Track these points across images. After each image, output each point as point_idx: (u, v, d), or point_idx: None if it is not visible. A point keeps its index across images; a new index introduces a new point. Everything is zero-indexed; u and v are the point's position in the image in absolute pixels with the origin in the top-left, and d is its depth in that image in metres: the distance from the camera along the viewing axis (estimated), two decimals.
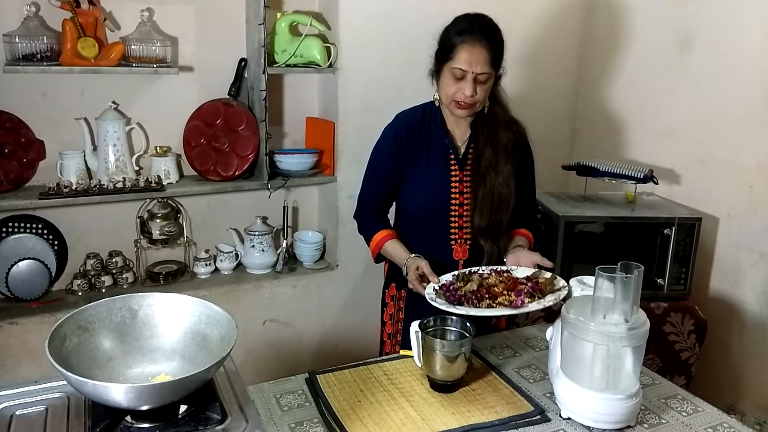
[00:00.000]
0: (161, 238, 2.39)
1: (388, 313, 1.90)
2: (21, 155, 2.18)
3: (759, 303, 2.30)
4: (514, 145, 1.76)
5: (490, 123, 1.75)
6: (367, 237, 1.84)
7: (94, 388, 0.94)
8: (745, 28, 2.26)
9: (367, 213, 1.85)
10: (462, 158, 1.76)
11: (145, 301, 1.17)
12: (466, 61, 1.61)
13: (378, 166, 1.84)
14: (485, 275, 1.62)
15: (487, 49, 1.62)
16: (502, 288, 1.54)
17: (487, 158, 1.74)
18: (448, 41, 1.65)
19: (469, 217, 1.75)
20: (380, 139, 1.84)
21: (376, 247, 1.80)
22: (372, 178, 1.85)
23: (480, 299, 1.50)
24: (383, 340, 1.94)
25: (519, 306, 1.47)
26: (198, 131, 2.39)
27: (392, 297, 1.88)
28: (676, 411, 1.41)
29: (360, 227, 1.88)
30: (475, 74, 1.62)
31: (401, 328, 1.86)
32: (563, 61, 2.93)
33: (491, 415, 1.36)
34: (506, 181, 1.74)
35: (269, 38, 2.37)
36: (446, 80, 1.67)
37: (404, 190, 1.80)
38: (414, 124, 1.78)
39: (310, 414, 1.36)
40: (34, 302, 2.23)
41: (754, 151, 2.26)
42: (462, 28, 1.64)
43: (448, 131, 1.77)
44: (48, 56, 2.10)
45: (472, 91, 1.63)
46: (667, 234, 2.26)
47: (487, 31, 1.63)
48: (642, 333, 1.27)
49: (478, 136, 1.76)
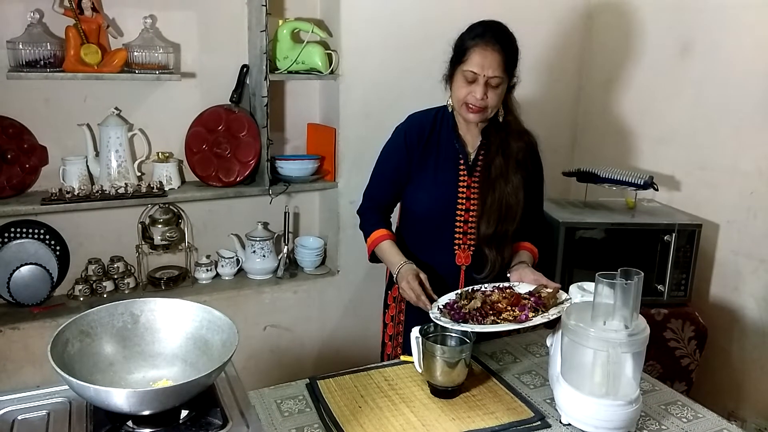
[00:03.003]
0: (163, 243, 2.40)
1: (390, 315, 1.91)
2: (24, 161, 2.19)
3: (759, 309, 2.30)
4: (524, 155, 1.76)
5: (502, 132, 1.75)
6: (366, 233, 1.84)
7: (95, 393, 0.95)
8: (744, 34, 2.27)
9: (369, 209, 1.86)
10: (471, 164, 1.76)
11: (146, 307, 1.17)
12: (478, 64, 1.61)
13: (386, 164, 1.84)
14: (488, 292, 1.62)
15: (500, 53, 1.62)
16: (506, 304, 1.54)
17: (497, 166, 1.73)
18: (462, 45, 1.67)
19: (474, 224, 1.75)
20: (391, 138, 1.84)
21: (372, 244, 1.80)
22: (379, 176, 1.86)
23: (484, 316, 1.50)
24: (384, 342, 1.94)
25: (523, 320, 1.47)
26: (200, 137, 2.40)
27: (394, 299, 1.88)
28: (677, 417, 1.41)
29: (361, 222, 1.88)
30: (486, 77, 1.62)
31: (402, 330, 1.86)
32: (564, 67, 2.94)
33: (492, 421, 1.36)
34: (515, 190, 1.73)
35: (271, 45, 2.39)
36: (458, 83, 1.67)
37: (411, 192, 1.80)
38: (425, 125, 1.78)
39: (310, 419, 1.36)
40: (35, 307, 2.23)
41: (755, 157, 2.26)
42: (476, 33, 1.65)
43: (459, 136, 1.77)
44: (51, 63, 2.11)
45: (483, 94, 1.63)
46: (667, 240, 2.26)
47: (500, 35, 1.64)
48: (642, 339, 1.27)
49: (489, 143, 1.75)
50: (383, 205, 1.87)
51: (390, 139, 1.85)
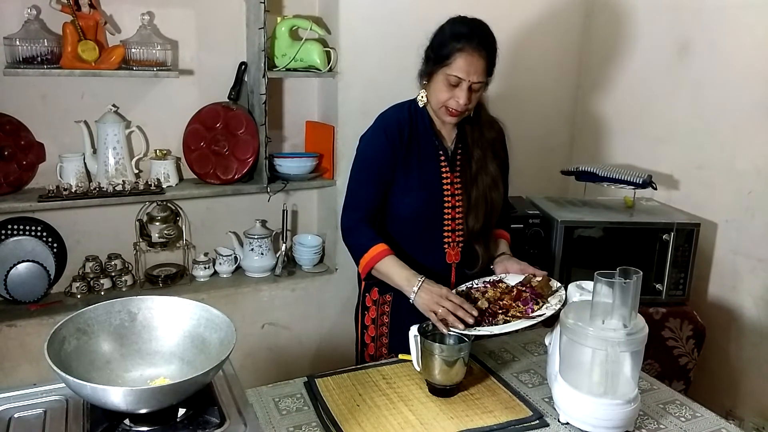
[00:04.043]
0: (160, 241, 2.39)
1: (370, 317, 1.84)
2: (21, 158, 2.18)
3: (757, 308, 2.30)
4: (499, 145, 1.78)
5: (476, 124, 1.75)
6: (362, 247, 1.70)
7: (92, 391, 0.94)
8: (743, 33, 2.27)
9: (360, 221, 1.74)
10: (451, 158, 1.75)
11: (144, 304, 1.17)
12: (464, 70, 1.58)
13: (372, 169, 1.73)
14: (482, 289, 1.62)
15: (485, 59, 1.60)
16: (508, 300, 1.54)
17: (477, 160, 1.73)
18: (445, 46, 1.61)
19: (461, 220, 1.74)
20: (369, 143, 1.75)
21: (372, 260, 1.67)
22: (365, 184, 1.75)
23: (494, 316, 1.50)
24: (365, 343, 1.86)
25: (530, 314, 1.48)
26: (198, 135, 2.39)
27: (374, 301, 1.82)
28: (675, 416, 1.41)
29: (351, 236, 1.75)
30: (471, 83, 1.60)
31: (387, 332, 1.81)
32: (562, 65, 2.93)
33: (490, 419, 1.36)
34: (496, 182, 1.75)
35: (269, 42, 2.38)
36: (439, 85, 1.64)
37: (396, 195, 1.74)
38: (403, 123, 1.72)
39: (308, 418, 1.36)
40: (32, 305, 2.22)
41: (753, 157, 2.26)
42: (460, 33, 1.60)
43: (437, 132, 1.75)
44: (48, 59, 2.10)
45: (467, 100, 1.61)
46: (665, 239, 2.26)
47: (485, 39, 1.61)
48: (640, 338, 1.27)
49: (464, 135, 1.75)
50: (372, 215, 1.76)
51: (368, 144, 1.75)
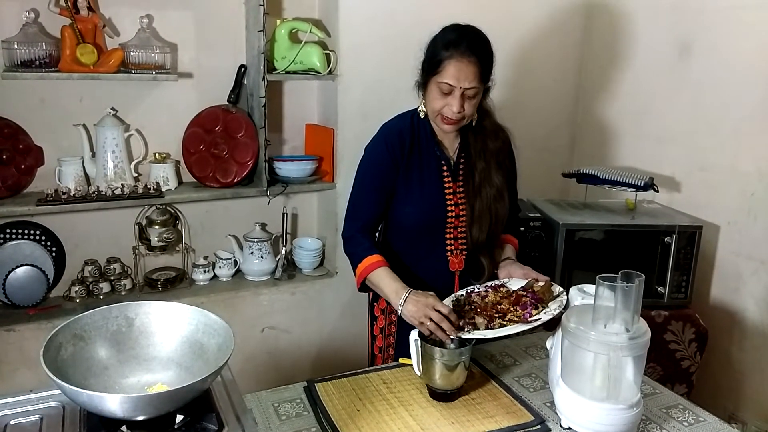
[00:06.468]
0: (160, 244, 2.38)
1: (379, 327, 1.85)
2: (19, 161, 2.17)
3: (760, 311, 2.29)
4: (503, 155, 1.76)
5: (480, 134, 1.73)
6: (357, 258, 1.70)
7: (89, 399, 0.94)
8: (744, 34, 2.26)
9: (358, 231, 1.74)
10: (454, 169, 1.74)
11: (141, 310, 1.16)
12: (454, 76, 1.57)
13: (374, 180, 1.73)
14: (483, 294, 1.61)
15: (476, 64, 1.57)
16: (507, 304, 1.53)
17: (480, 171, 1.72)
18: (436, 54, 1.60)
19: (464, 228, 1.74)
20: (371, 152, 1.75)
21: (365, 270, 1.66)
22: (366, 195, 1.75)
23: (491, 320, 1.49)
24: (374, 354, 1.89)
25: (528, 318, 1.47)
26: (197, 138, 2.39)
27: (382, 311, 1.83)
28: (678, 421, 1.40)
29: (348, 246, 1.75)
30: (462, 89, 1.58)
31: (393, 342, 1.82)
32: (562, 67, 2.93)
33: (491, 424, 1.35)
34: (500, 193, 1.73)
35: (269, 45, 2.37)
36: (433, 94, 1.63)
37: (399, 205, 1.73)
38: (405, 134, 1.72)
39: (308, 423, 1.35)
40: (31, 309, 2.21)
41: (755, 158, 2.25)
42: (449, 40, 1.59)
43: (439, 142, 1.74)
44: (47, 62, 2.09)
45: (460, 107, 1.59)
46: (667, 242, 2.25)
47: (475, 44, 1.59)
48: (643, 342, 1.26)
49: (468, 145, 1.74)
50: (371, 226, 1.76)
51: (370, 154, 1.75)
